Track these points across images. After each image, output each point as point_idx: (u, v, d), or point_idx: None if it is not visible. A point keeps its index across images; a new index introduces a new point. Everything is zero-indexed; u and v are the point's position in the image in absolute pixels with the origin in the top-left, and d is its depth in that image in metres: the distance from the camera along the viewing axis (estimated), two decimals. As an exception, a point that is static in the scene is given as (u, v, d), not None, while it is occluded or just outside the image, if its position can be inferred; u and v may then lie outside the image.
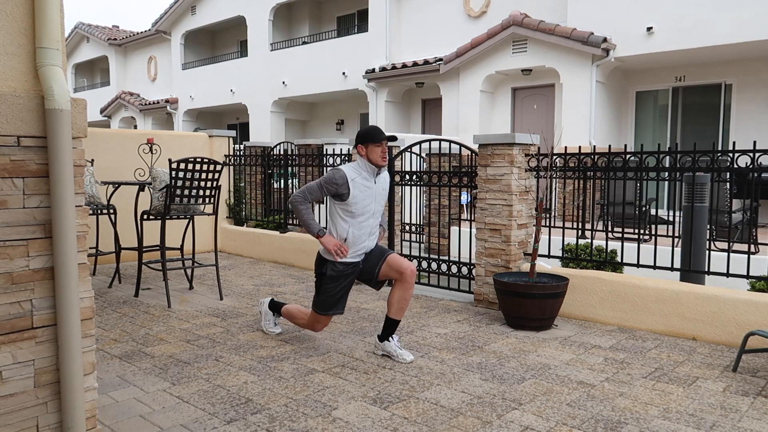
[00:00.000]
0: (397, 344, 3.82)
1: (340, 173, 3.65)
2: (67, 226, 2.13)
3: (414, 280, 3.77)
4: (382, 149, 3.70)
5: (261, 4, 16.49)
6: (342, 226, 3.73)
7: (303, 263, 7.18)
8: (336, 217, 3.76)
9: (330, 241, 3.70)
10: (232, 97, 17.60)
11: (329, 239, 3.72)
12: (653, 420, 2.89)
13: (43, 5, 2.08)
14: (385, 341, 3.84)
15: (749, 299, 4.10)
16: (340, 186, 3.63)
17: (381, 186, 3.82)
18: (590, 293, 4.80)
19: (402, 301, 3.77)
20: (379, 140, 3.68)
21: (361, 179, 3.70)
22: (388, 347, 3.82)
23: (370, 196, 3.73)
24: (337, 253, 3.69)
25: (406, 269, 3.72)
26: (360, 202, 3.69)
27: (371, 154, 3.69)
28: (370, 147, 3.69)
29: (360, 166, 3.73)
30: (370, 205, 3.75)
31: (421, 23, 13.45)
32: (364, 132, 3.73)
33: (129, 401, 3.04)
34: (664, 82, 10.67)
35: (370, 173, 3.73)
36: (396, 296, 3.77)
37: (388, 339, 3.83)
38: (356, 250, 3.77)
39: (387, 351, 3.82)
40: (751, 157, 4.16)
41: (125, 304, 5.20)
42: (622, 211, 5.15)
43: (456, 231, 7.51)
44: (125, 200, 6.74)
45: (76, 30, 23.73)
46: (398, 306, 3.78)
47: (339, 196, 3.67)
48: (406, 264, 3.74)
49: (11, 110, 2.05)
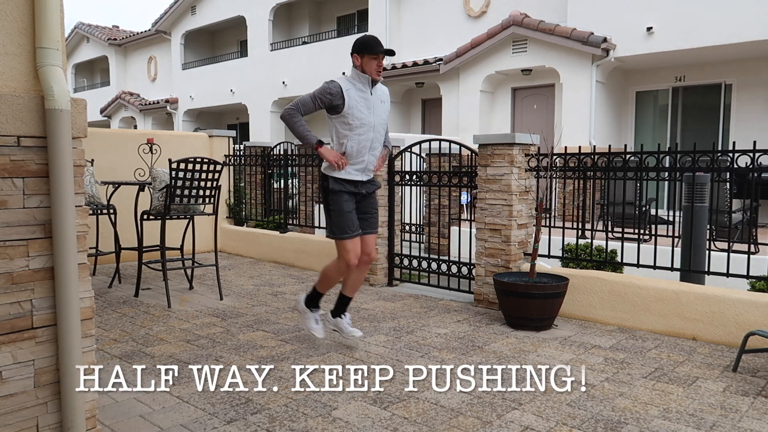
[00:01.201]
0: (348, 321, 3.98)
1: (334, 84, 3.61)
2: (67, 226, 2.13)
3: (368, 267, 3.96)
4: (378, 62, 3.64)
5: (261, 4, 16.49)
6: (340, 140, 3.69)
7: (303, 263, 7.18)
8: (334, 132, 3.72)
9: (329, 153, 3.65)
10: (232, 97, 17.60)
11: (329, 150, 3.67)
12: (653, 420, 2.89)
13: (43, 5, 2.08)
14: (338, 317, 3.98)
15: (749, 299, 4.09)
16: (334, 96, 3.58)
17: (379, 98, 3.75)
18: (590, 293, 4.80)
19: (356, 281, 3.95)
20: (376, 52, 3.61)
21: (356, 90, 3.64)
22: (340, 324, 3.97)
23: (366, 107, 3.67)
24: (338, 164, 3.63)
25: (365, 255, 3.86)
26: (356, 113, 3.62)
27: (366, 65, 3.63)
28: (365, 58, 3.62)
29: (353, 77, 3.68)
30: (368, 117, 3.68)
31: (421, 23, 13.45)
32: (361, 41, 3.66)
33: (129, 401, 3.04)
34: (664, 82, 10.67)
35: (365, 83, 3.67)
36: (352, 276, 3.91)
37: (341, 316, 3.98)
38: (356, 164, 3.71)
39: (338, 327, 3.98)
40: (751, 157, 4.16)
41: (125, 304, 5.20)
42: (622, 211, 5.15)
43: (456, 231, 7.50)
44: (125, 200, 6.73)
45: (76, 30, 23.73)
46: (351, 285, 3.96)
47: (334, 108, 3.61)
48: (368, 250, 3.88)
49: (11, 110, 2.05)
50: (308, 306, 4.08)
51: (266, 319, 4.73)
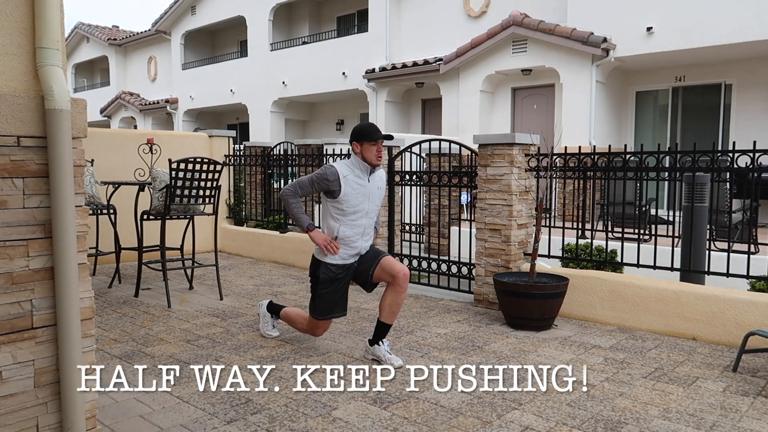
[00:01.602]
0: (387, 348, 3.73)
1: (332, 170, 3.59)
2: (67, 226, 2.12)
3: (407, 285, 3.69)
4: (378, 148, 3.62)
5: (261, 4, 16.48)
6: (333, 224, 3.67)
7: (303, 263, 7.18)
8: (327, 215, 3.71)
9: (319, 236, 3.65)
10: (232, 97, 17.59)
11: (319, 234, 3.66)
12: (653, 420, 2.89)
13: (43, 5, 2.08)
14: (375, 345, 3.75)
15: (749, 299, 4.09)
16: (331, 182, 3.57)
17: (375, 185, 3.73)
18: (590, 293, 4.80)
19: (394, 305, 3.70)
20: (374, 139, 3.60)
21: (354, 177, 3.62)
22: (377, 351, 3.73)
23: (362, 194, 3.65)
24: (328, 248, 3.62)
25: (398, 273, 3.64)
26: (351, 200, 3.61)
27: (366, 152, 3.61)
28: (365, 145, 3.61)
29: (353, 163, 3.66)
30: (363, 203, 3.67)
31: (421, 23, 13.45)
32: (360, 129, 3.65)
33: (129, 401, 3.04)
34: (664, 82, 10.67)
35: (364, 171, 3.65)
36: (388, 300, 3.70)
37: (378, 343, 3.74)
38: (349, 251, 3.70)
39: (376, 355, 3.74)
40: (751, 157, 4.16)
41: (125, 304, 5.20)
42: (622, 211, 5.15)
43: (456, 231, 7.50)
44: (125, 200, 6.73)
45: (76, 30, 23.73)
46: (390, 310, 3.70)
47: (330, 192, 3.61)
48: (399, 267, 3.68)
49: (11, 110, 2.05)
50: (270, 311, 4.28)
51: (266, 319, 4.72)
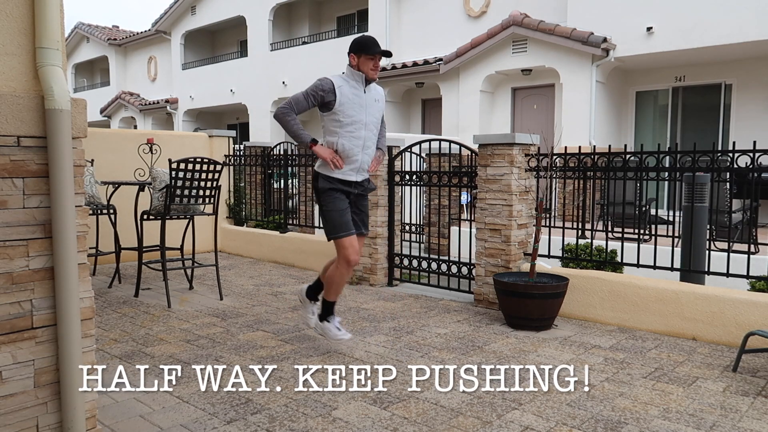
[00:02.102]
0: (336, 324, 3.86)
1: (327, 80, 3.61)
2: (67, 226, 2.12)
3: (351, 271, 3.83)
4: (375, 62, 3.65)
5: (261, 4, 16.49)
6: (331, 139, 3.66)
7: (303, 263, 7.18)
8: (326, 131, 3.71)
9: (324, 150, 3.65)
10: (232, 97, 17.60)
11: (323, 148, 3.66)
12: (653, 420, 2.89)
13: (43, 5, 2.08)
14: (324, 321, 3.88)
15: (749, 299, 4.09)
16: (326, 93, 3.58)
17: (373, 97, 3.74)
18: (590, 293, 4.80)
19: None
20: (373, 53, 3.62)
21: (349, 87, 3.64)
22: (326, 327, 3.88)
23: (358, 104, 3.66)
24: (333, 162, 3.62)
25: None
26: (347, 110, 3.61)
27: (362, 65, 3.64)
28: (362, 58, 3.63)
29: (348, 74, 3.68)
30: (360, 114, 3.66)
31: (421, 23, 13.45)
32: (359, 41, 3.67)
33: (129, 401, 3.04)
34: (664, 82, 10.67)
35: (359, 81, 3.67)
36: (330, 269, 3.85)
37: (327, 320, 3.86)
38: (349, 164, 3.69)
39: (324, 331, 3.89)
40: (751, 157, 4.16)
41: (125, 304, 5.20)
42: (622, 211, 5.15)
43: (456, 231, 7.50)
44: (125, 200, 6.73)
45: (76, 30, 23.73)
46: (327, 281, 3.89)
47: (326, 105, 3.61)
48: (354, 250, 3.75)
49: (11, 110, 2.05)
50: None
51: (266, 319, 4.73)
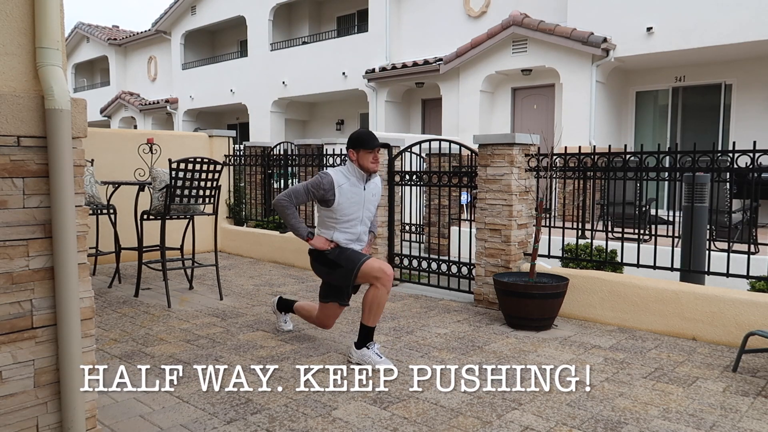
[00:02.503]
0: (376, 351, 3.62)
1: (328, 178, 3.59)
2: (67, 226, 2.12)
3: (390, 285, 3.61)
4: (374, 156, 3.63)
5: (261, 4, 16.48)
6: (327, 232, 3.71)
7: (303, 263, 7.18)
8: (323, 221, 3.74)
9: (319, 242, 3.70)
10: (232, 97, 17.59)
11: (319, 239, 3.71)
12: (653, 420, 2.89)
13: (43, 5, 2.08)
14: (363, 348, 3.64)
15: (749, 299, 4.10)
16: (326, 191, 3.58)
17: (371, 192, 3.75)
18: (590, 293, 4.80)
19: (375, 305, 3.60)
20: (371, 147, 3.60)
21: (350, 185, 3.64)
22: (365, 355, 3.61)
23: (357, 202, 3.67)
24: (328, 248, 3.69)
25: (385, 273, 3.57)
26: (346, 209, 3.64)
27: (362, 159, 3.62)
28: (361, 153, 3.61)
29: (350, 170, 3.67)
30: (358, 212, 3.69)
31: (421, 23, 13.45)
32: (357, 137, 3.66)
33: (129, 401, 3.04)
34: (664, 82, 10.67)
35: (360, 179, 3.66)
36: (368, 297, 3.60)
37: (366, 346, 3.63)
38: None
39: (363, 359, 3.61)
40: (751, 157, 4.16)
41: (125, 304, 5.20)
42: (622, 211, 5.15)
43: (456, 231, 7.50)
44: (125, 200, 6.73)
45: (76, 30, 23.73)
46: (369, 311, 3.61)
47: (325, 201, 3.63)
48: (384, 268, 3.59)
49: (11, 110, 2.05)
50: (281, 309, 4.39)
51: (266, 319, 4.73)
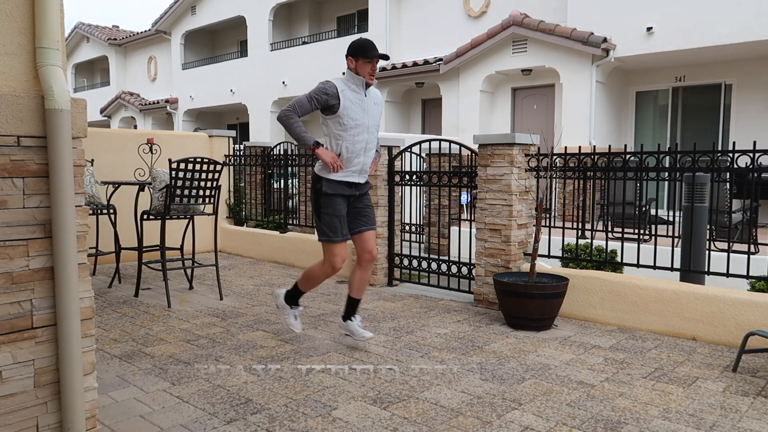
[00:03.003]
0: (359, 323, 3.97)
1: (330, 84, 3.66)
2: (67, 226, 2.12)
3: (371, 268, 3.97)
4: (372, 66, 3.71)
5: (261, 4, 16.49)
6: (335, 142, 3.73)
7: (303, 263, 7.18)
8: (329, 134, 3.76)
9: (327, 153, 3.70)
10: (232, 97, 17.60)
11: (326, 151, 3.71)
12: (653, 420, 2.90)
13: (43, 5, 2.08)
14: (348, 320, 3.98)
15: (749, 299, 4.10)
16: (330, 96, 3.63)
17: (372, 100, 3.81)
18: (590, 293, 4.80)
19: (362, 281, 3.95)
20: (370, 56, 3.67)
21: (351, 91, 3.70)
22: (350, 326, 3.97)
23: (361, 107, 3.73)
24: (333, 165, 3.68)
25: (365, 253, 3.89)
26: (351, 114, 3.68)
27: (360, 68, 3.69)
28: (360, 61, 3.68)
29: (348, 78, 3.73)
30: (362, 117, 3.73)
31: (421, 23, 13.45)
32: (357, 44, 3.70)
33: (129, 401, 3.04)
34: (664, 82, 10.68)
35: (359, 85, 3.73)
36: (356, 276, 3.93)
37: (351, 318, 3.97)
38: (351, 166, 3.77)
39: (349, 330, 3.98)
40: (751, 157, 4.16)
41: (125, 304, 5.20)
42: (622, 211, 5.15)
43: (456, 231, 7.50)
44: (125, 200, 6.74)
45: (76, 30, 23.73)
46: (358, 286, 3.96)
47: (329, 108, 3.66)
48: (370, 247, 3.90)
49: (11, 110, 2.05)
50: (288, 302, 4.19)
51: (266, 319, 4.73)
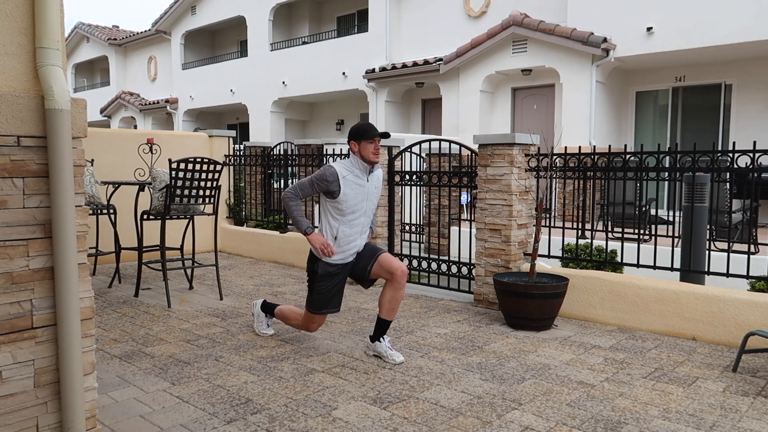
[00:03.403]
0: (388, 345, 3.80)
1: (332, 170, 3.62)
2: (67, 226, 2.12)
3: (405, 281, 3.77)
4: (375, 146, 3.67)
5: (261, 4, 16.49)
6: (333, 224, 3.72)
7: (303, 263, 7.18)
8: (327, 215, 3.74)
9: (317, 240, 3.68)
10: (232, 97, 17.60)
11: (316, 237, 3.70)
12: (653, 420, 2.90)
13: (43, 5, 2.08)
14: (377, 342, 3.82)
15: (749, 299, 4.10)
16: (330, 183, 3.61)
17: (373, 184, 3.78)
18: (590, 293, 4.80)
19: (393, 302, 3.76)
20: (371, 137, 3.65)
21: (353, 177, 3.67)
22: (379, 348, 3.80)
23: (361, 194, 3.70)
24: (323, 252, 3.67)
25: (396, 270, 3.71)
26: (351, 201, 3.66)
27: (363, 150, 3.66)
28: (362, 143, 3.66)
29: (352, 163, 3.70)
30: (362, 203, 3.72)
31: (421, 23, 13.45)
32: (357, 128, 3.70)
33: (129, 401, 3.04)
34: (664, 82, 10.67)
35: (363, 171, 3.70)
36: (387, 296, 3.76)
37: (380, 339, 3.81)
38: (347, 249, 3.75)
39: (378, 351, 3.81)
40: (751, 157, 4.17)
41: (125, 304, 5.20)
42: (622, 211, 5.15)
43: (456, 231, 7.50)
44: (125, 200, 6.74)
45: (76, 30, 23.73)
46: (389, 306, 3.77)
47: (330, 193, 3.65)
48: (397, 264, 3.74)
49: (11, 110, 2.05)
50: (264, 310, 4.31)
51: (266, 319, 4.73)
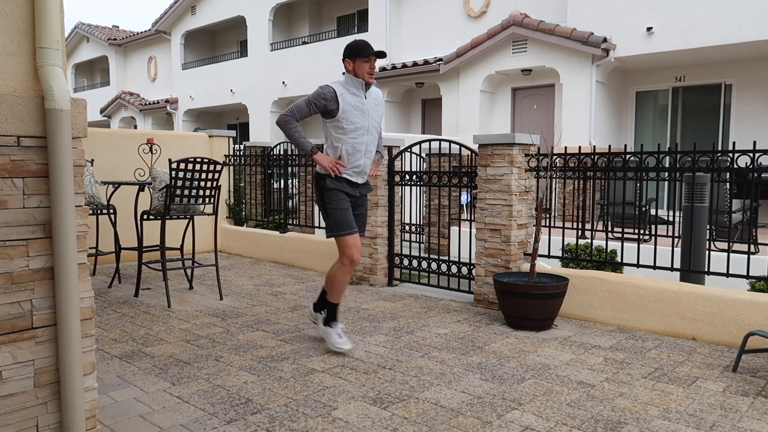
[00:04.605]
0: (339, 330, 3.90)
1: (329, 88, 3.64)
2: (67, 226, 2.13)
3: (352, 273, 3.90)
4: (370, 65, 3.67)
5: (261, 4, 16.49)
6: (335, 144, 3.71)
7: (303, 263, 7.18)
8: (330, 137, 3.74)
9: (324, 159, 3.68)
10: (232, 97, 17.60)
11: (323, 157, 3.69)
12: (653, 420, 2.90)
13: (43, 5, 2.08)
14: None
15: (749, 299, 4.10)
16: (328, 101, 3.61)
17: (373, 102, 3.78)
18: (590, 293, 4.80)
19: (332, 280, 3.93)
20: (366, 55, 3.64)
21: (350, 94, 3.67)
22: (324, 331, 3.95)
23: (360, 110, 3.70)
24: (333, 169, 3.66)
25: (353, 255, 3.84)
26: (350, 117, 3.66)
27: (358, 69, 3.66)
28: (357, 62, 3.66)
29: (347, 81, 3.71)
30: (362, 120, 3.71)
31: (421, 23, 13.45)
32: (352, 46, 3.69)
33: (129, 401, 3.04)
34: (664, 82, 10.68)
35: (359, 87, 3.70)
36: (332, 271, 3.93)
37: (330, 325, 3.92)
38: (352, 167, 3.75)
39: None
40: (751, 157, 4.17)
41: (125, 304, 5.20)
42: (622, 211, 5.15)
43: (456, 231, 7.51)
44: (125, 200, 6.74)
45: (76, 30, 23.74)
46: (329, 284, 3.96)
47: (329, 112, 3.64)
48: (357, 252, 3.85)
49: (11, 110, 2.05)
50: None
51: (266, 319, 4.73)
